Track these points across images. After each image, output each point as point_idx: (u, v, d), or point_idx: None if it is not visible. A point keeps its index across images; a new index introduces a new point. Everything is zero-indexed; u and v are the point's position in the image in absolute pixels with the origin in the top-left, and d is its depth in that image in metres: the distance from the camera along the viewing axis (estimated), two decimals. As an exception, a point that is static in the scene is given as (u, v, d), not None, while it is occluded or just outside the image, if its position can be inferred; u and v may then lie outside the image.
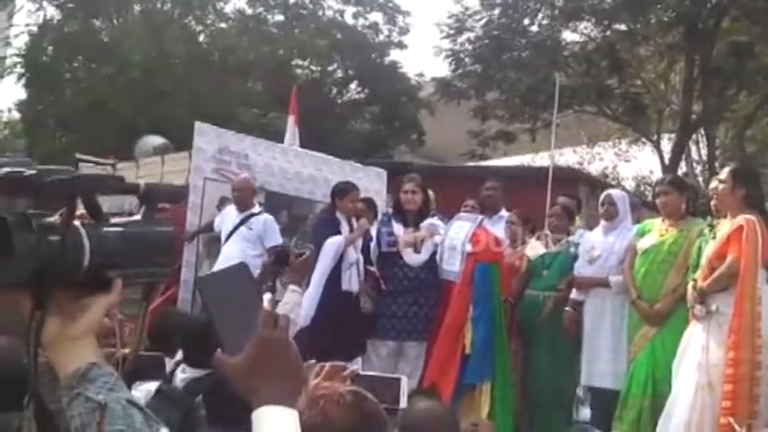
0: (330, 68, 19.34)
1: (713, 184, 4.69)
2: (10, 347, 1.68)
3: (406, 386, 1.97)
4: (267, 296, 1.22)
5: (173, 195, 1.59)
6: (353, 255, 5.79)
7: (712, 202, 4.68)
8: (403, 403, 1.96)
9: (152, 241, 1.24)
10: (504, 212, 6.38)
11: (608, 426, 5.06)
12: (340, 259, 5.71)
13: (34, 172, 1.08)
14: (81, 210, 1.17)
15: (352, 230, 5.87)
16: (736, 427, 3.63)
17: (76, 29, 16.59)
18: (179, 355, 3.44)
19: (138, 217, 1.29)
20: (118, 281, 1.18)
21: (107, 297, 1.18)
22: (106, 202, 1.23)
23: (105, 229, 1.18)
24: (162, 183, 5.85)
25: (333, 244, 5.68)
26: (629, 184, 21.91)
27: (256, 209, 6.56)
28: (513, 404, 5.47)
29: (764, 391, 4.11)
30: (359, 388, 1.86)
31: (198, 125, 7.09)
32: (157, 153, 8.16)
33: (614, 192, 5.78)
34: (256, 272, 6.35)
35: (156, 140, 8.73)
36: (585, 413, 6.02)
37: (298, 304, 3.92)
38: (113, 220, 1.21)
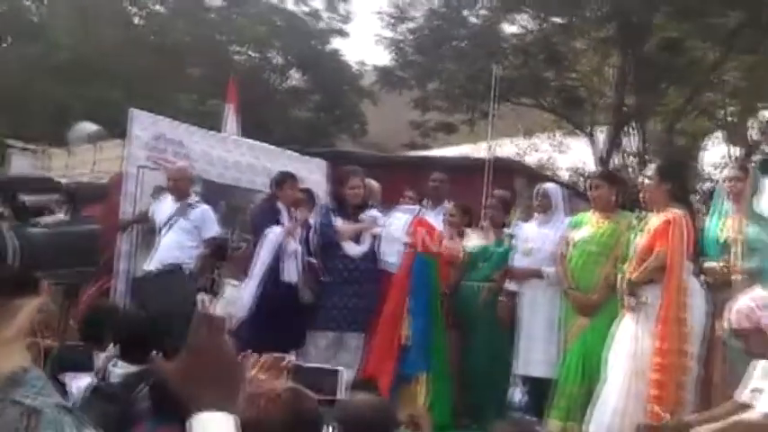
0: (270, 55, 19.15)
1: (640, 179, 4.84)
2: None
3: (344, 378, 1.99)
4: (201, 296, 1.21)
5: (98, 194, 1.57)
6: (293, 245, 5.76)
7: (641, 196, 4.82)
8: (341, 395, 1.98)
9: (78, 241, 1.23)
10: (447, 204, 6.44)
11: (542, 413, 5.18)
12: (280, 250, 5.69)
13: (-43, 174, 1.06)
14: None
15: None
16: (663, 415, 3.76)
17: (5, 9, 16.03)
18: (110, 349, 3.39)
19: (62, 216, 1.27)
20: (44, 282, 1.17)
21: (36, 299, 1.16)
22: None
23: (31, 230, 1.16)
24: (88, 182, 5.74)
25: (273, 234, 5.66)
26: (565, 175, 22.31)
27: (193, 199, 6.45)
28: (450, 393, 5.56)
29: (690, 379, 4.27)
30: (297, 385, 1.87)
31: (132, 111, 6.90)
32: (91, 140, 7.94)
33: (548, 185, 5.90)
34: (194, 263, 6.28)
35: (90, 127, 8.48)
36: (517, 395, 6.16)
37: (238, 298, 3.90)
38: (38, 220, 1.20)
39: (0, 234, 1.09)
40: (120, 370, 3.15)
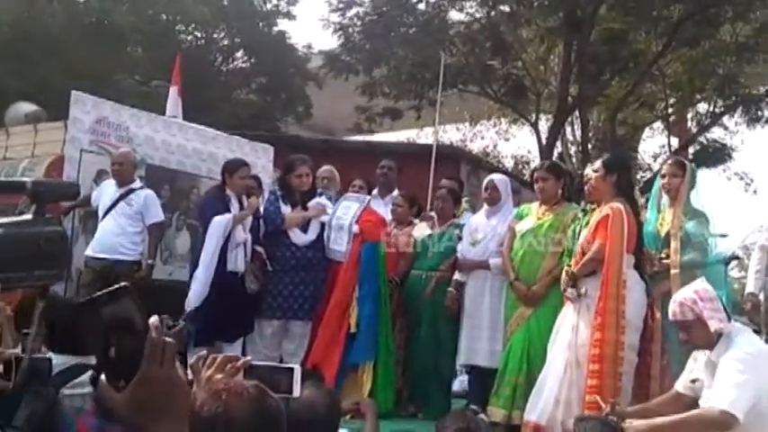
0: (215, 36, 18.83)
1: (587, 171, 4.92)
2: None
3: (299, 375, 1.98)
4: (153, 320, 1.15)
5: (65, 193, 1.51)
6: (242, 234, 5.68)
7: (586, 188, 4.90)
8: (296, 392, 1.97)
9: (37, 243, 1.19)
10: (397, 192, 6.47)
11: (485, 401, 5.27)
12: (227, 239, 5.63)
13: None
14: None
15: (242, 208, 5.78)
16: (602, 405, 3.86)
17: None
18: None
19: (27, 216, 1.24)
20: None
21: None
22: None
23: None
24: (53, 179, 5.55)
25: (221, 222, 5.58)
26: (509, 163, 22.60)
27: (136, 184, 6.36)
28: (394, 380, 5.61)
29: (626, 370, 4.38)
30: (259, 383, 1.85)
31: (74, 94, 6.75)
32: (29, 121, 7.70)
33: (497, 176, 5.94)
34: (137, 248, 6.19)
35: (28, 107, 8.21)
36: (462, 384, 6.25)
37: None
38: None
39: None
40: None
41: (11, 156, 7.31)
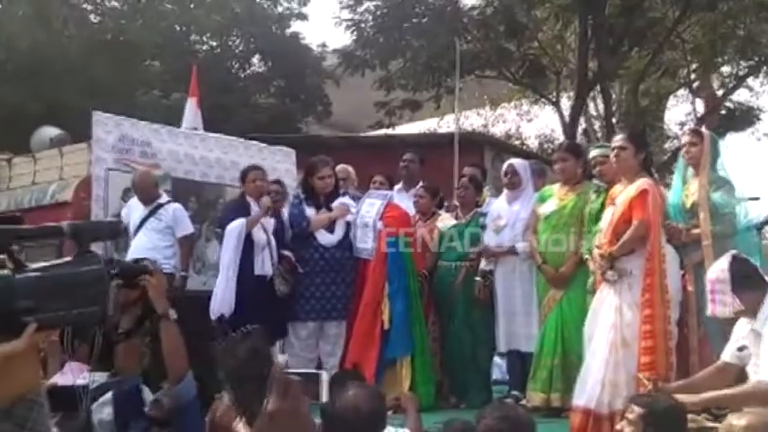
0: (230, 43, 18.93)
1: (599, 152, 4.85)
2: None
3: (326, 380, 2.00)
4: (282, 358, 1.21)
5: (105, 232, 1.55)
6: (263, 237, 5.75)
7: (597, 169, 4.83)
8: (324, 398, 2.00)
9: (74, 283, 1.24)
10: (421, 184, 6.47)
11: (524, 386, 5.26)
12: (251, 244, 5.68)
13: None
14: None
15: (262, 213, 5.85)
16: (645, 382, 3.83)
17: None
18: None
19: (67, 258, 1.29)
20: (31, 326, 1.18)
21: (14, 343, 1.18)
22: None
23: (18, 276, 1.18)
24: (90, 221, 5.65)
25: (234, 228, 5.67)
26: (533, 144, 22.46)
27: (164, 198, 6.43)
28: (433, 373, 5.62)
29: (674, 344, 4.32)
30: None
31: (95, 115, 6.85)
32: (54, 145, 7.83)
33: (516, 161, 5.92)
34: (170, 261, 6.25)
35: (53, 132, 8.34)
36: (501, 372, 6.25)
37: None
38: (36, 265, 1.22)
39: None
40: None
41: (39, 180, 7.45)
